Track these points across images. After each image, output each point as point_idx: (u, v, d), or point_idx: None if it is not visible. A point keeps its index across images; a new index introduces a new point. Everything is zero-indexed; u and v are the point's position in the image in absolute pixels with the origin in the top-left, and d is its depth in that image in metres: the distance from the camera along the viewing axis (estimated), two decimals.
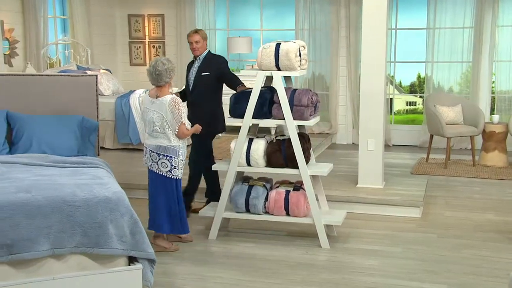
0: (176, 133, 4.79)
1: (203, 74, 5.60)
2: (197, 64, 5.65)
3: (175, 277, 4.42)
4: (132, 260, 4.04)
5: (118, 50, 10.38)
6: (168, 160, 4.84)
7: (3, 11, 7.69)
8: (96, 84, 5.58)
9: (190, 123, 4.92)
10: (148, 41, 10.41)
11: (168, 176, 4.86)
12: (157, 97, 4.82)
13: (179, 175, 4.89)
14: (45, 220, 3.77)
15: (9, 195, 3.82)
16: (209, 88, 5.62)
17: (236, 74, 5.78)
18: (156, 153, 4.85)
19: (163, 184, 4.88)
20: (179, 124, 4.77)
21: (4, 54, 7.60)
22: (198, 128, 5.02)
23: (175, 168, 4.85)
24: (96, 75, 5.68)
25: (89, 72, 7.80)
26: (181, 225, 4.95)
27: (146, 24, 10.34)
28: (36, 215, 3.76)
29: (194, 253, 4.92)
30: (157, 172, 4.88)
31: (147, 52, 10.44)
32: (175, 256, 4.85)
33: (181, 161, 4.88)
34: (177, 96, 5.04)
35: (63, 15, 9.49)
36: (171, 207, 4.90)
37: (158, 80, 4.77)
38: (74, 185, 4.07)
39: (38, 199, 3.82)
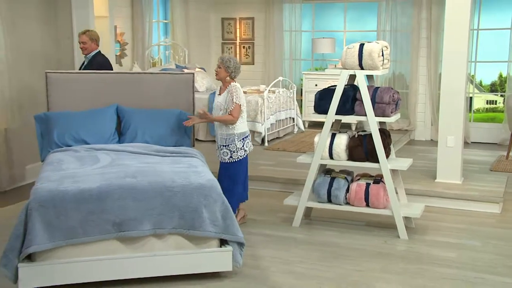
0: None
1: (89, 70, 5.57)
2: (85, 63, 5.68)
3: (262, 260, 4.46)
4: (223, 242, 4.11)
5: (212, 50, 10.58)
6: None
7: (116, 17, 8.03)
8: (193, 81, 5.69)
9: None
10: (239, 42, 10.53)
11: None
12: None
13: None
14: (148, 203, 3.91)
15: (119, 179, 3.99)
16: None
17: None
18: None
19: None
20: None
21: (115, 55, 7.94)
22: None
23: None
24: (193, 73, 5.80)
25: (186, 71, 8.00)
26: None
27: (238, 26, 10.47)
28: (141, 198, 3.90)
29: (279, 239, 4.94)
30: None
31: (237, 52, 10.57)
32: (262, 240, 4.89)
33: None
34: None
35: (165, 20, 9.77)
36: None
37: None
38: (172, 173, 4.19)
39: (143, 184, 3.97)
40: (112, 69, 6.06)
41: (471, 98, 9.16)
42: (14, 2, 6.37)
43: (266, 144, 8.15)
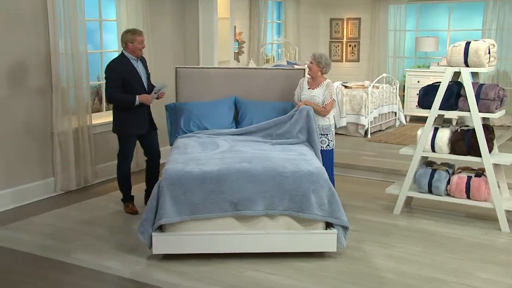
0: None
1: (149, 72, 5.09)
2: (141, 65, 4.95)
3: (364, 243, 4.34)
4: (328, 225, 4.05)
5: (320, 48, 10.44)
6: None
7: (236, 18, 8.17)
8: (304, 76, 5.64)
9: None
10: (346, 41, 10.33)
11: None
12: None
13: None
14: (261, 186, 3.94)
15: (236, 164, 4.05)
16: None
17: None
18: None
19: None
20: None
21: (234, 52, 8.08)
22: None
23: None
24: (303, 69, 5.75)
25: (296, 66, 7.96)
26: None
27: (345, 26, 10.26)
28: (255, 181, 3.94)
29: (380, 225, 4.79)
30: None
31: (344, 50, 10.37)
32: (364, 225, 4.76)
33: None
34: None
35: (279, 20, 9.80)
36: None
37: None
38: (284, 159, 4.18)
39: (257, 168, 4.00)
40: None
41: None
42: (154, 8, 6.67)
43: (369, 136, 7.95)
